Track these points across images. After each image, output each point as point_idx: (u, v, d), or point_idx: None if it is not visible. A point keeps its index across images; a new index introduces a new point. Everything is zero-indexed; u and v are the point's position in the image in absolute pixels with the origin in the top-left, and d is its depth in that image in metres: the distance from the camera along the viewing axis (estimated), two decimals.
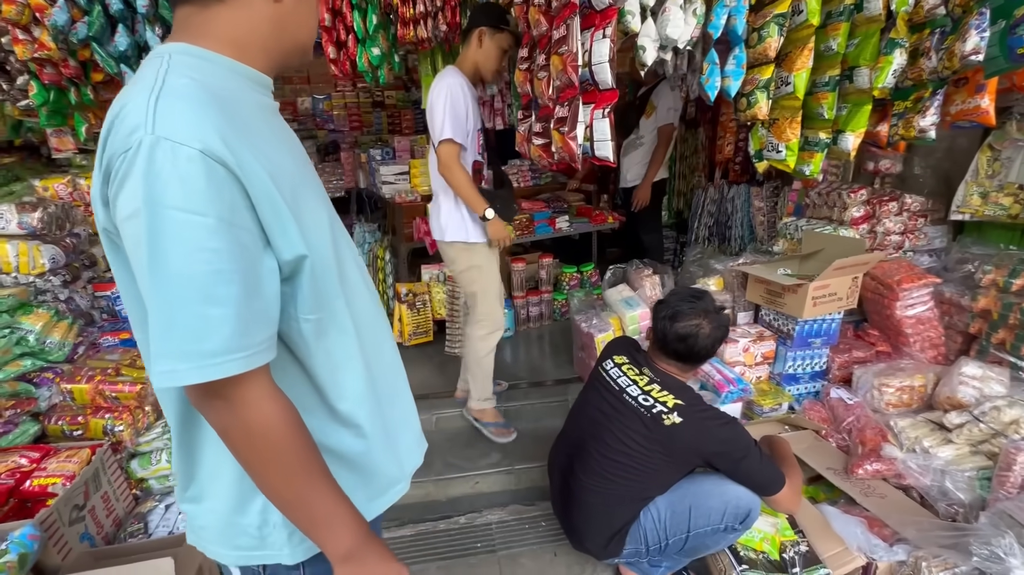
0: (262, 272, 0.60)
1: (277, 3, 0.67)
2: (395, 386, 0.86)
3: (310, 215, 0.67)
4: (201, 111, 0.56)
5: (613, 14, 1.29)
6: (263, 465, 0.62)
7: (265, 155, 0.61)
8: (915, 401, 2.02)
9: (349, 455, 0.75)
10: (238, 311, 0.57)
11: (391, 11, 2.24)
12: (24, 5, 1.87)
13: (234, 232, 0.56)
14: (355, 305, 0.75)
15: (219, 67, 0.64)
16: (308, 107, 4.71)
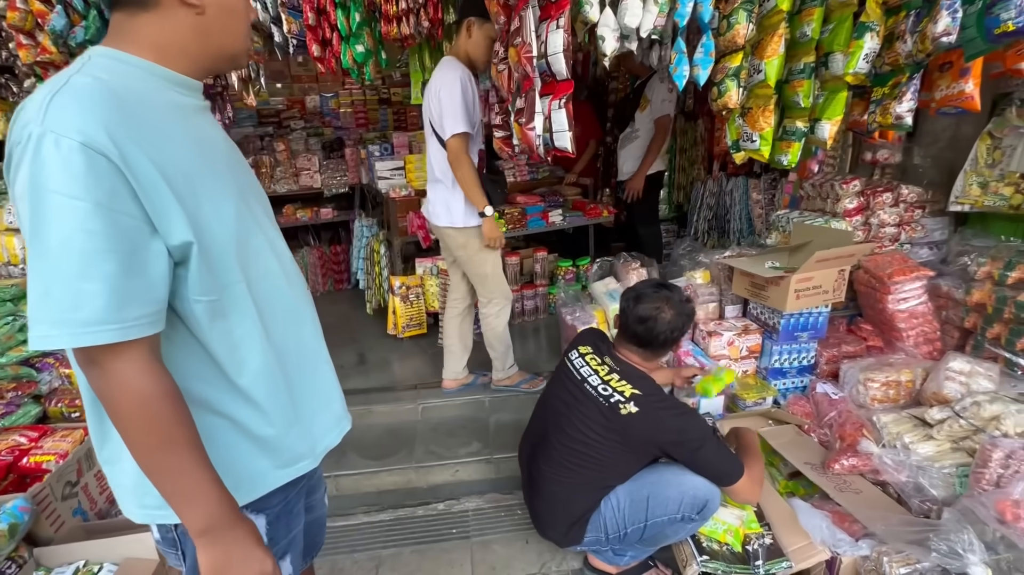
0: (147, 255, 0.65)
1: (200, 15, 0.73)
2: (312, 369, 0.91)
3: (209, 206, 0.72)
4: (90, 108, 0.62)
5: (566, 5, 1.29)
6: (129, 431, 0.67)
7: (159, 150, 0.66)
8: (902, 397, 1.97)
9: (249, 426, 0.80)
10: (113, 287, 0.62)
11: (375, 8, 2.29)
12: (27, 11, 1.98)
13: (113, 216, 0.62)
14: (265, 291, 0.81)
15: (135, 69, 0.71)
16: (316, 105, 4.81)
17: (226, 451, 0.78)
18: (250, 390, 0.79)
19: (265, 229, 0.85)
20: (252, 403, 0.79)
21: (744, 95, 1.65)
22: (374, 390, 2.57)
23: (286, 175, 3.94)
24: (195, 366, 0.75)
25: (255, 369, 0.79)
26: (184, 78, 0.76)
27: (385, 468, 2.15)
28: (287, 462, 0.85)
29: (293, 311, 0.87)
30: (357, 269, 3.80)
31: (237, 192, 0.79)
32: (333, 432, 0.96)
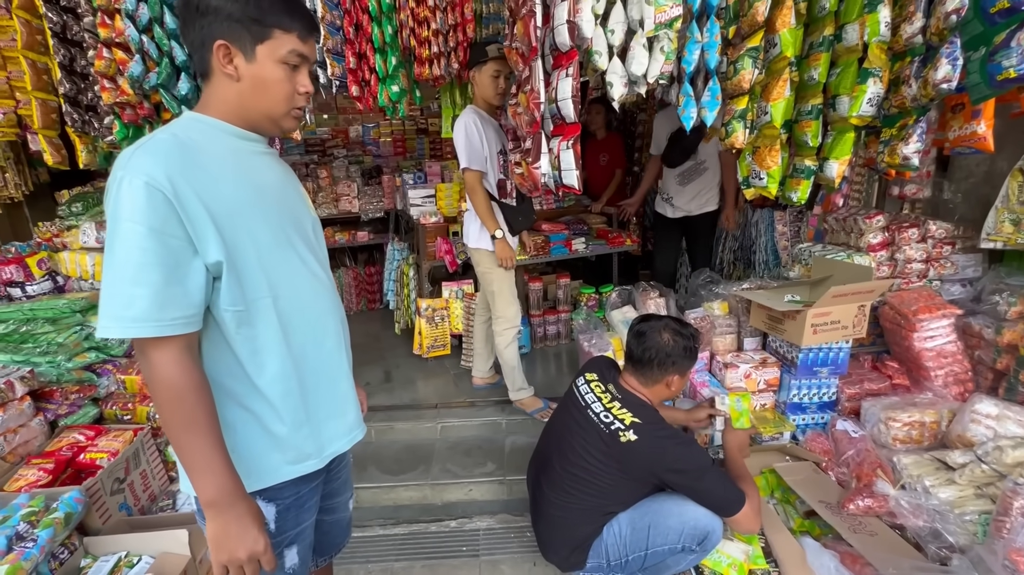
0: (188, 269, 0.83)
1: (238, 82, 0.92)
2: (330, 379, 1.04)
3: (245, 233, 0.89)
4: (157, 157, 0.82)
5: (574, 56, 1.41)
6: (160, 409, 0.84)
7: (206, 188, 0.85)
8: (926, 438, 1.91)
9: (265, 420, 0.95)
10: (156, 292, 0.79)
11: (410, 52, 2.49)
12: (111, 60, 2.27)
13: (163, 238, 0.80)
14: (291, 308, 0.96)
15: (205, 125, 0.92)
16: (359, 135, 5.11)
17: (245, 440, 0.93)
18: (266, 390, 0.93)
19: (303, 254, 1.00)
20: (268, 402, 0.93)
21: (752, 135, 1.70)
22: (397, 407, 2.69)
23: (327, 200, 4.19)
24: (226, 363, 0.91)
25: (272, 373, 0.93)
26: (240, 130, 0.95)
27: (402, 483, 2.24)
28: (295, 459, 0.98)
29: (317, 327, 1.01)
30: (388, 290, 3.97)
31: (277, 222, 0.95)
32: (343, 439, 1.07)
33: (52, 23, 2.34)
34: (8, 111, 2.51)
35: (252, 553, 0.86)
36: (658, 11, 1.43)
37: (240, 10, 0.88)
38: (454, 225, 3.29)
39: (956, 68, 1.32)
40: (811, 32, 1.64)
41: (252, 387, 0.92)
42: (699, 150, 3.08)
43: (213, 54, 0.89)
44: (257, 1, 0.89)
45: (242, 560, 0.86)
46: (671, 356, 1.47)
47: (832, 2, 1.56)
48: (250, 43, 0.90)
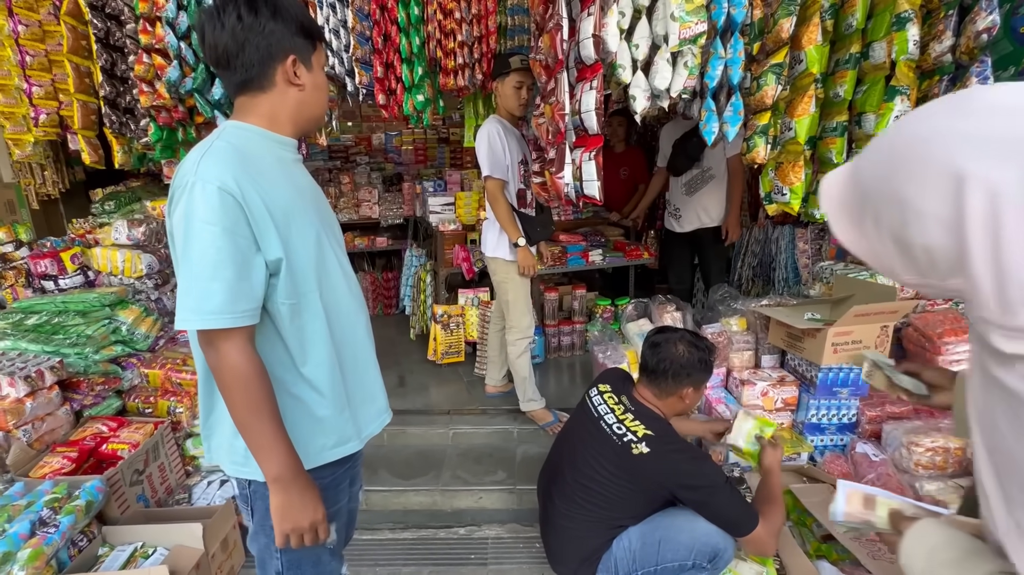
0: (253, 265, 0.91)
1: (301, 91, 1.00)
2: (363, 366, 1.13)
3: (297, 232, 0.97)
4: (224, 163, 0.90)
5: (599, 69, 1.42)
6: (228, 395, 0.91)
7: (266, 191, 0.93)
8: (950, 465, 1.86)
9: (310, 406, 1.03)
10: (230, 287, 0.87)
11: (436, 63, 2.54)
12: (150, 65, 2.36)
13: (234, 238, 0.88)
14: (332, 300, 1.04)
15: (253, 135, 0.99)
16: (381, 142, 5.20)
17: (294, 424, 1.00)
18: (312, 377, 1.01)
19: (336, 252, 1.09)
20: (314, 387, 1.02)
21: (776, 151, 1.70)
22: (410, 412, 2.70)
23: (348, 205, 4.27)
24: (277, 353, 0.99)
25: (317, 360, 1.01)
26: (285, 139, 1.03)
27: (413, 488, 2.24)
28: (338, 442, 1.07)
29: (352, 319, 1.10)
30: (404, 296, 4.01)
31: (319, 223, 1.03)
32: (376, 422, 1.17)
33: (96, 29, 2.44)
34: (52, 112, 2.62)
35: (313, 521, 0.96)
36: (683, 27, 1.45)
37: (302, 27, 0.98)
38: (472, 233, 3.32)
39: None
40: (837, 49, 1.64)
41: (299, 375, 1.00)
42: (705, 157, 2.96)
43: (285, 67, 0.97)
44: (308, 17, 1.00)
45: (304, 528, 0.95)
46: (686, 368, 1.46)
47: (859, 20, 1.56)
48: (308, 55, 1.00)
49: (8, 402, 1.80)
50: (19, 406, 1.82)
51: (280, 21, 0.96)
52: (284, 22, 0.96)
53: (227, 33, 0.95)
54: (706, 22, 1.48)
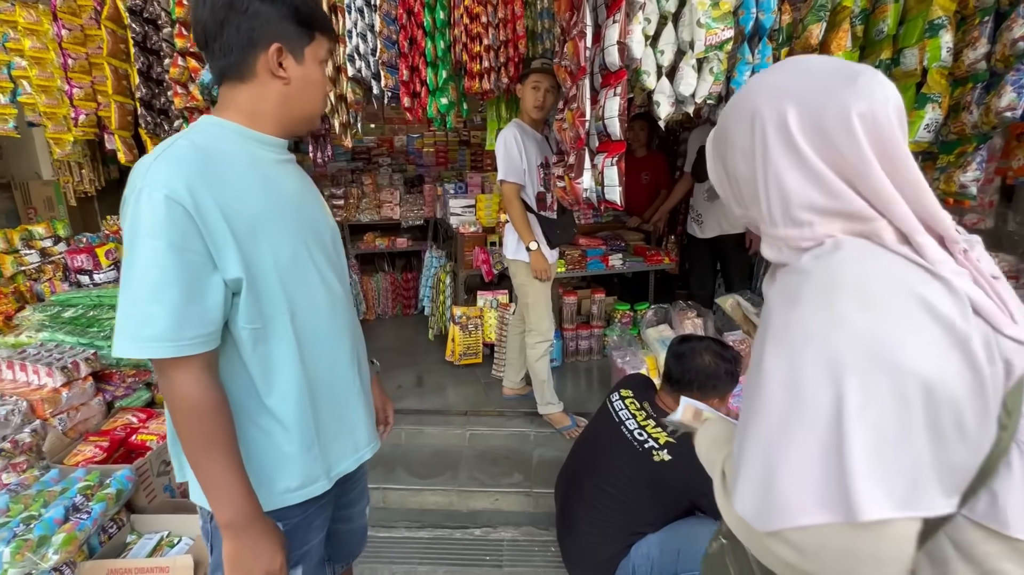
0: (207, 285, 0.80)
1: (286, 85, 0.89)
2: (342, 396, 1.01)
3: (266, 246, 0.86)
4: (178, 167, 0.78)
5: (623, 75, 1.43)
6: (179, 429, 0.82)
7: (227, 199, 0.81)
8: None
9: (276, 440, 0.91)
10: (175, 311, 0.77)
11: (460, 66, 2.58)
12: (184, 68, 2.44)
13: (182, 255, 0.77)
14: (308, 324, 0.93)
15: (228, 131, 0.87)
16: (403, 144, 5.27)
17: (258, 459, 0.90)
18: (278, 409, 0.90)
19: (321, 267, 0.96)
20: (279, 421, 0.91)
21: None
22: (427, 412, 2.72)
23: (370, 206, 4.33)
24: (241, 380, 0.88)
25: (283, 392, 0.90)
26: (268, 137, 0.91)
27: (429, 487, 2.27)
28: (303, 482, 0.94)
29: (332, 344, 0.98)
30: (424, 296, 4.05)
31: (297, 235, 0.92)
32: (350, 459, 1.03)
33: (135, 33, 2.53)
34: (90, 112, 2.72)
35: (268, 572, 0.86)
36: (709, 33, 1.44)
37: (297, 12, 0.87)
38: (492, 235, 3.34)
39: (1022, 96, 1.28)
40: (867, 55, 1.61)
41: (263, 406, 0.90)
42: None
43: (267, 56, 0.85)
44: (305, 4, 0.89)
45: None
46: (711, 379, 1.45)
47: (891, 26, 1.53)
48: (299, 45, 0.88)
49: (46, 391, 1.87)
50: (56, 395, 1.89)
51: (269, 2, 0.85)
52: (274, 4, 0.85)
53: (208, 9, 0.84)
54: (732, 28, 1.47)
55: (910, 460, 0.51)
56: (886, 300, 0.53)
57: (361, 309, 4.10)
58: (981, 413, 0.53)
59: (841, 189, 0.58)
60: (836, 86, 0.58)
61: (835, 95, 0.58)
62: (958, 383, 0.52)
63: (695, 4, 1.44)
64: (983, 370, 0.53)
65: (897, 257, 0.56)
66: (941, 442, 0.52)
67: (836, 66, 0.61)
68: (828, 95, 0.58)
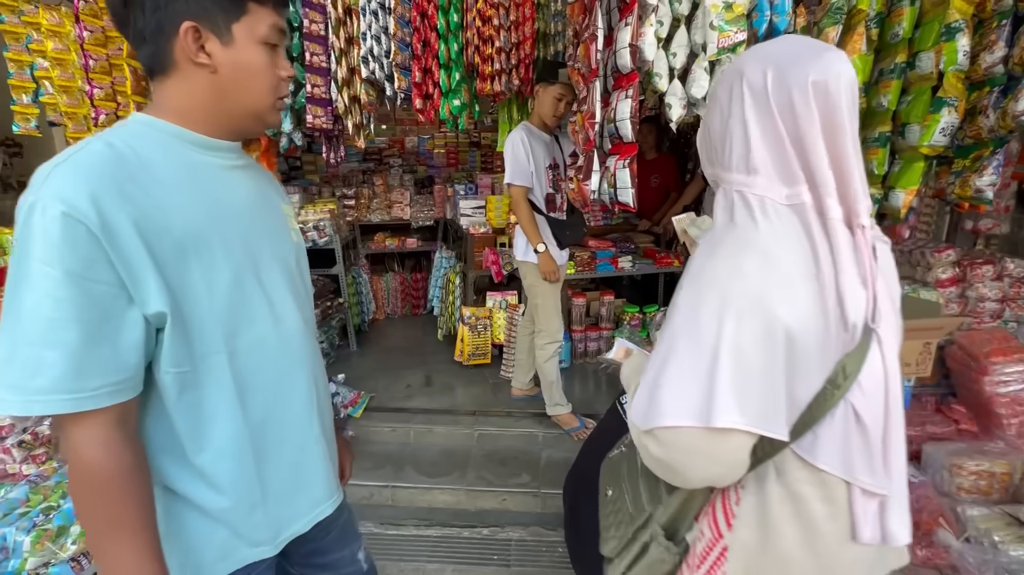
0: (121, 323, 0.64)
1: (213, 74, 0.72)
2: (295, 447, 0.85)
3: (199, 274, 0.70)
4: (83, 177, 0.62)
5: (635, 78, 1.43)
6: (76, 501, 0.65)
7: (150, 217, 0.66)
8: (996, 490, 1.79)
9: (206, 507, 0.76)
10: (73, 356, 0.61)
11: (473, 68, 2.60)
12: None
13: (84, 285, 0.61)
14: (252, 364, 0.77)
15: (159, 133, 0.73)
16: (414, 145, 5.31)
17: (183, 532, 0.76)
18: (208, 468, 0.75)
19: (271, 295, 0.81)
20: (209, 482, 0.75)
21: None
22: (436, 411, 2.74)
23: (381, 206, 4.37)
24: (162, 438, 0.73)
25: (219, 447, 0.75)
26: (208, 139, 0.76)
27: (438, 486, 2.28)
28: (241, 551, 0.80)
29: (283, 384, 0.83)
30: (433, 296, 4.08)
31: (244, 256, 0.77)
32: (304, 518, 0.88)
33: None
34: (110, 112, 2.77)
35: None
36: (722, 36, 1.45)
37: None
38: (502, 236, 3.35)
39: None
40: (882, 58, 1.60)
41: (189, 466, 0.74)
42: None
43: (180, 40, 0.70)
44: None
45: None
46: None
47: (906, 29, 1.52)
48: (224, 22, 0.71)
49: None
50: None
51: None
52: None
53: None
54: (746, 31, 1.47)
55: (765, 389, 0.65)
56: (779, 263, 0.66)
57: (371, 308, 4.13)
58: (824, 366, 0.67)
59: (788, 150, 0.69)
60: (804, 57, 0.69)
61: (801, 64, 0.68)
62: (813, 337, 0.66)
63: (708, 7, 1.45)
64: (833, 331, 0.66)
65: (800, 228, 0.68)
66: (791, 380, 0.66)
67: (812, 44, 0.72)
68: (797, 63, 0.68)
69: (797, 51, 0.70)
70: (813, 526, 0.71)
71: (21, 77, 2.74)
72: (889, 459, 0.69)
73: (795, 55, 0.70)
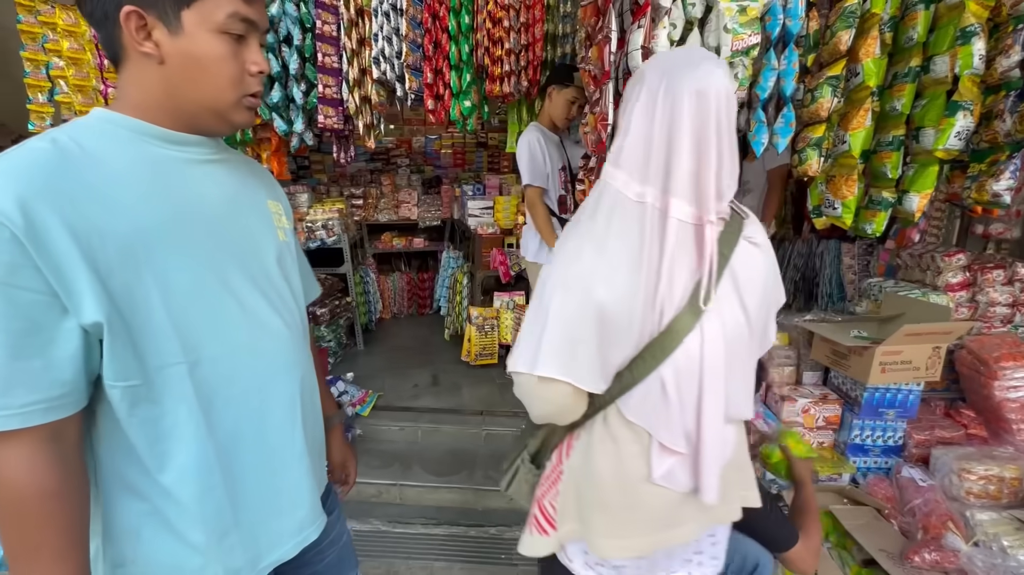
0: (53, 333, 0.60)
1: (161, 65, 0.68)
2: (275, 465, 0.79)
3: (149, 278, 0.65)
4: (13, 177, 0.58)
5: None
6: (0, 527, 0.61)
7: (88, 217, 0.61)
8: (1004, 495, 1.78)
9: (176, 526, 0.71)
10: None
11: (483, 70, 2.61)
12: None
13: (9, 293, 0.57)
14: (215, 373, 0.71)
15: (116, 127, 0.68)
16: (422, 145, 5.33)
17: (152, 558, 0.71)
18: (174, 488, 0.69)
19: (244, 297, 0.75)
20: (177, 503, 0.70)
21: (828, 163, 1.68)
22: (443, 411, 2.76)
23: (388, 206, 4.39)
24: (122, 452, 0.68)
25: (182, 466, 0.69)
26: (171, 133, 0.71)
27: (446, 485, 2.29)
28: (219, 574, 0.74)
29: (260, 396, 0.76)
30: (440, 296, 4.09)
31: (210, 256, 0.71)
32: (288, 543, 0.81)
33: None
34: None
35: None
36: (736, 39, 1.45)
37: None
38: (510, 237, 3.36)
39: None
40: (896, 62, 1.60)
41: (155, 485, 0.68)
42: (744, 170, 2.90)
43: (122, 27, 0.65)
44: None
45: None
46: None
47: (920, 33, 1.52)
48: (172, 8, 0.66)
49: None
50: None
51: None
52: None
53: None
54: (760, 34, 1.48)
55: (581, 350, 0.81)
56: (609, 253, 0.80)
57: (378, 308, 4.15)
58: (638, 340, 0.82)
59: (653, 154, 0.79)
60: (690, 67, 0.78)
61: (686, 73, 0.78)
62: (625, 316, 0.80)
63: (722, 10, 1.45)
64: (643, 313, 0.80)
65: (635, 225, 0.80)
66: (606, 347, 0.82)
67: (700, 54, 0.83)
68: (684, 73, 0.78)
69: (687, 61, 0.81)
70: (622, 461, 0.89)
71: (37, 76, 2.77)
72: (702, 429, 0.84)
73: (684, 64, 0.80)
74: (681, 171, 0.77)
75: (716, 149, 0.77)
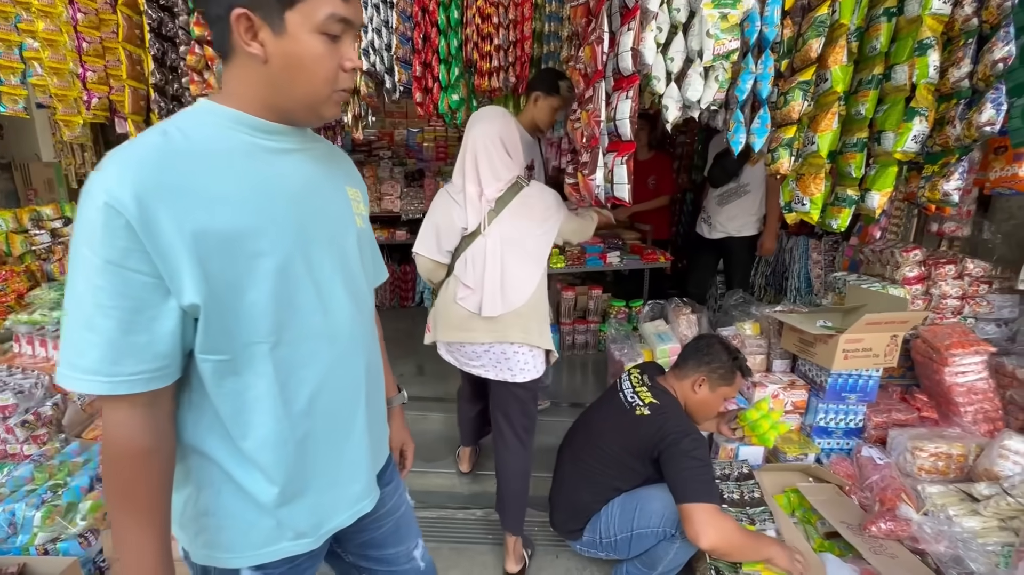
0: (157, 312, 0.67)
1: (264, 64, 0.72)
2: (341, 440, 0.86)
3: (243, 265, 0.71)
4: (134, 166, 0.65)
5: (635, 80, 1.53)
6: (103, 476, 0.71)
7: (194, 209, 0.67)
8: (952, 470, 1.94)
9: (253, 492, 0.78)
10: (109, 341, 0.64)
11: (471, 64, 2.66)
12: (201, 56, 2.48)
13: (123, 274, 0.63)
14: (295, 353, 0.77)
15: (218, 118, 0.74)
16: (403, 138, 5.32)
17: (229, 507, 0.78)
18: (254, 455, 0.77)
19: (322, 283, 0.81)
20: (257, 468, 0.77)
21: (798, 163, 1.80)
22: (430, 399, 2.81)
23: (371, 198, 4.39)
24: (208, 420, 0.76)
25: (262, 435, 0.76)
26: (265, 123, 0.76)
27: (434, 470, 2.35)
28: (288, 537, 0.82)
29: (332, 376, 0.83)
30: (423, 289, 4.12)
31: (293, 244, 0.76)
32: (346, 513, 0.89)
33: (151, 19, 2.57)
34: (103, 96, 2.74)
35: None
36: (717, 44, 1.54)
37: None
38: None
39: (1000, 112, 1.40)
40: (861, 70, 1.73)
41: (237, 451, 0.76)
42: (743, 173, 3.11)
43: (232, 28, 0.70)
44: None
45: None
46: (707, 356, 1.62)
47: (883, 43, 1.65)
48: (277, 10, 0.70)
49: None
50: None
51: None
52: None
53: None
54: (739, 40, 1.58)
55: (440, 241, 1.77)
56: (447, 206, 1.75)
57: None
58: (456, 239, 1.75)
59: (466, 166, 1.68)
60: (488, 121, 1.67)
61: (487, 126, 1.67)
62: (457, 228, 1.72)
63: (705, 16, 1.54)
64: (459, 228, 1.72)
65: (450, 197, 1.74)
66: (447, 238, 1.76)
67: (495, 114, 1.71)
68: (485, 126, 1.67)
69: (490, 118, 1.67)
70: (448, 294, 1.75)
71: (9, 57, 2.69)
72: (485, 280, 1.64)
73: (488, 120, 1.66)
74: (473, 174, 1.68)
75: (475, 169, 1.67)
